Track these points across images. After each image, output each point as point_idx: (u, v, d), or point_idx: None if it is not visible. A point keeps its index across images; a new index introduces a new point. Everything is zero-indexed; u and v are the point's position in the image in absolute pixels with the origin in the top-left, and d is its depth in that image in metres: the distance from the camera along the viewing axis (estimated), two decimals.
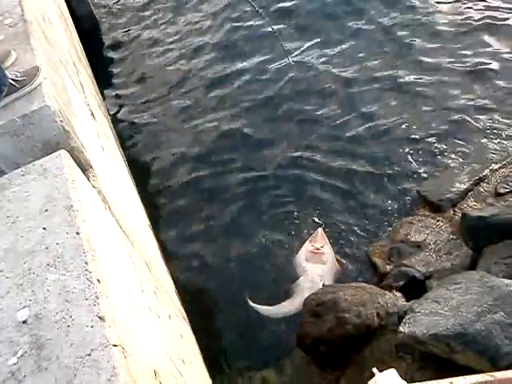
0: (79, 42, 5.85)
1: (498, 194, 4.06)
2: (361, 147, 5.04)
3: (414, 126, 5.12)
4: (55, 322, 1.40)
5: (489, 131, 4.86)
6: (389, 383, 2.39)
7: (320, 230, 4.28)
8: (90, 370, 1.30)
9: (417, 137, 5.00)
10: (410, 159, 4.81)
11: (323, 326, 3.30)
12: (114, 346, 1.34)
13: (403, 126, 5.14)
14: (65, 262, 1.55)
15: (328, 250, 4.15)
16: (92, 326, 1.39)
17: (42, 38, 2.46)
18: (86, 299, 1.45)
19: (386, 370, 2.64)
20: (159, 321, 2.17)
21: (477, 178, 4.30)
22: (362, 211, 4.52)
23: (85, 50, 6.07)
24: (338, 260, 4.18)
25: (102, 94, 5.64)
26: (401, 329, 2.88)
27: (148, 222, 4.05)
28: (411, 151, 4.88)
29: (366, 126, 5.23)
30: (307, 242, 4.23)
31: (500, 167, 4.37)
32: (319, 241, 4.17)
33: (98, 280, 1.50)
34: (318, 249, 4.10)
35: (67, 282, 1.50)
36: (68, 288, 1.48)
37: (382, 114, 5.31)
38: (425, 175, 4.63)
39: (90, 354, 1.32)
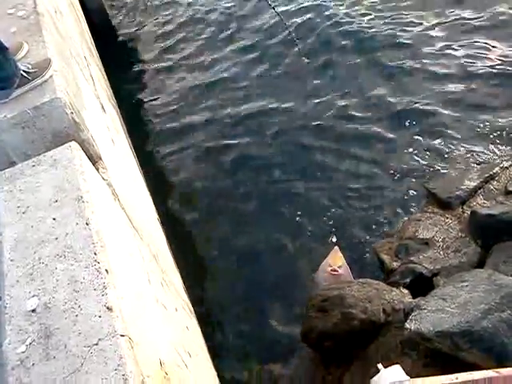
0: (90, 35, 5.88)
1: (507, 192, 4.02)
2: (368, 144, 5.03)
3: (423, 123, 5.10)
4: (64, 311, 1.42)
5: (499, 129, 4.82)
6: (393, 379, 2.39)
7: (336, 248, 4.07)
8: (98, 359, 1.31)
9: (426, 134, 4.97)
10: (419, 156, 4.79)
11: (329, 321, 3.30)
12: (122, 336, 1.36)
13: (413, 122, 5.12)
14: (74, 252, 1.57)
15: (345, 271, 3.93)
16: (100, 316, 1.40)
17: (53, 31, 2.47)
18: (95, 289, 1.46)
19: (390, 366, 2.65)
20: (166, 312, 2.19)
21: (487, 175, 4.26)
22: (370, 208, 4.52)
23: (95, 42, 6.10)
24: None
25: (113, 87, 5.66)
26: (407, 325, 2.88)
27: (157, 216, 4.07)
28: (420, 148, 4.86)
29: (374, 123, 5.22)
30: (324, 262, 4.02)
31: (510, 165, 4.33)
32: (336, 261, 3.95)
33: (107, 270, 1.52)
34: (335, 270, 3.88)
35: (76, 272, 1.52)
36: (77, 278, 1.50)
37: (390, 110, 5.29)
38: (434, 172, 4.61)
39: (97, 344, 1.34)
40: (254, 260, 4.35)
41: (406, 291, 3.48)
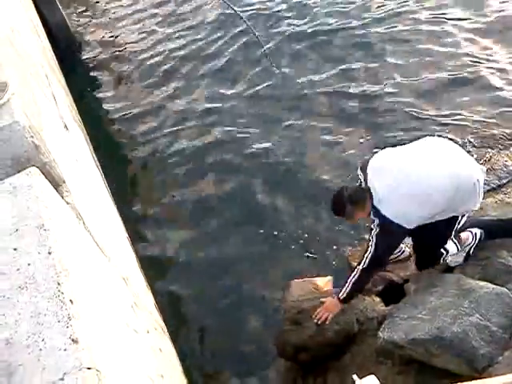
0: (52, 52, 5.78)
1: None
2: (337, 155, 5.08)
3: (383, 127, 5.17)
4: (27, 346, 1.37)
5: (461, 134, 4.95)
6: None
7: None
8: None
9: (390, 141, 5.04)
10: None
11: (303, 334, 3.30)
12: (88, 368, 1.31)
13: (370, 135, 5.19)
14: (37, 283, 1.52)
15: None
16: (65, 349, 1.36)
17: (10, 51, 2.41)
18: (59, 321, 1.42)
19: (366, 376, 2.66)
20: (137, 337, 2.14)
21: None
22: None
23: (58, 58, 6.00)
24: None
25: (77, 103, 5.57)
26: (380, 334, 2.90)
27: (126, 235, 4.00)
28: None
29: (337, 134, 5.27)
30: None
31: None
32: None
33: (71, 301, 1.47)
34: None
35: (39, 304, 1.46)
36: (40, 310, 1.45)
37: (355, 120, 5.37)
38: None
39: (62, 379, 1.29)
40: (227, 273, 4.32)
41: (378, 299, 3.52)
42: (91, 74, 6.87)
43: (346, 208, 2.87)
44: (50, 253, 1.58)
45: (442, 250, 3.27)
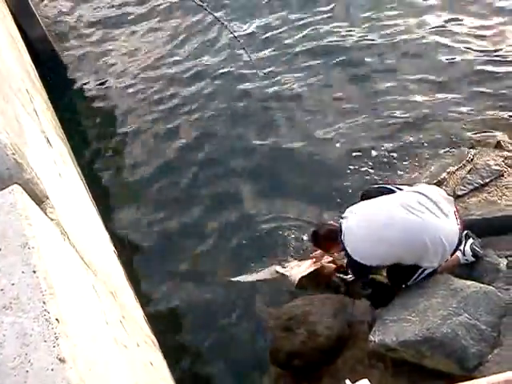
0: (33, 66, 5.73)
1: (457, 197, 4.18)
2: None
3: (362, 134, 5.19)
4: (13, 368, 1.35)
5: (443, 135, 5.00)
6: None
7: None
8: None
9: (369, 145, 5.05)
10: (366, 168, 4.84)
11: (296, 340, 3.31)
12: None
13: (351, 135, 5.20)
14: (21, 303, 1.50)
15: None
16: (52, 369, 1.34)
17: None
18: (45, 341, 1.40)
19: (359, 380, 2.67)
20: (126, 352, 2.12)
21: (435, 181, 4.41)
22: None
23: (39, 72, 5.96)
24: None
25: (59, 116, 5.52)
26: (371, 337, 2.92)
27: (113, 248, 3.97)
28: (365, 160, 4.91)
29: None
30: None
31: (457, 169, 4.50)
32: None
33: (57, 319, 1.45)
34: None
35: (24, 324, 1.44)
36: (26, 331, 1.43)
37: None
38: (380, 180, 4.69)
39: None
40: (217, 282, 4.30)
41: (368, 302, 3.53)
42: (74, 87, 6.82)
43: (321, 243, 3.66)
44: (34, 271, 1.56)
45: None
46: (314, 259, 3.92)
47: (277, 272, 4.05)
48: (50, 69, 6.88)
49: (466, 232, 3.35)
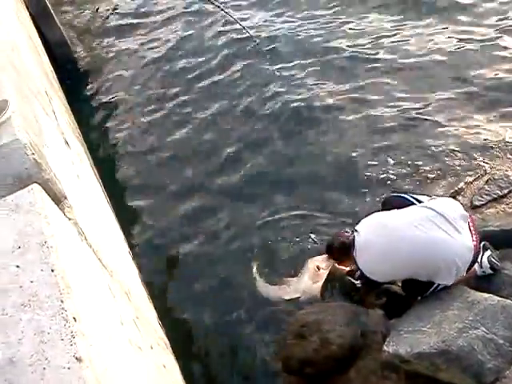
0: (51, 68, 5.80)
1: (473, 207, 4.13)
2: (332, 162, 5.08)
3: (382, 141, 5.15)
4: (30, 365, 1.35)
5: (461, 145, 4.94)
6: None
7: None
8: None
9: (387, 153, 5.01)
10: (385, 175, 4.80)
11: (308, 347, 3.28)
12: None
13: (369, 141, 5.18)
14: (40, 300, 1.50)
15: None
16: (69, 368, 1.34)
17: (10, 69, 2.42)
18: (62, 339, 1.40)
19: None
20: (140, 353, 2.12)
21: (453, 191, 4.37)
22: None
23: (57, 75, 6.03)
24: None
25: (77, 118, 5.58)
26: (385, 348, 2.88)
27: (128, 249, 3.98)
28: (384, 168, 4.87)
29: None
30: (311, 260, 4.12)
31: (474, 180, 4.45)
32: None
33: (74, 318, 1.45)
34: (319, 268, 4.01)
35: (42, 322, 1.45)
36: (43, 328, 1.43)
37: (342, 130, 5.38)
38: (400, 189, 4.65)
39: None
40: (230, 287, 4.27)
41: (381, 312, 3.49)
42: (91, 90, 6.89)
43: (335, 255, 3.68)
44: (52, 270, 1.56)
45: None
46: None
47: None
48: (68, 71, 6.97)
49: (483, 243, 3.30)
